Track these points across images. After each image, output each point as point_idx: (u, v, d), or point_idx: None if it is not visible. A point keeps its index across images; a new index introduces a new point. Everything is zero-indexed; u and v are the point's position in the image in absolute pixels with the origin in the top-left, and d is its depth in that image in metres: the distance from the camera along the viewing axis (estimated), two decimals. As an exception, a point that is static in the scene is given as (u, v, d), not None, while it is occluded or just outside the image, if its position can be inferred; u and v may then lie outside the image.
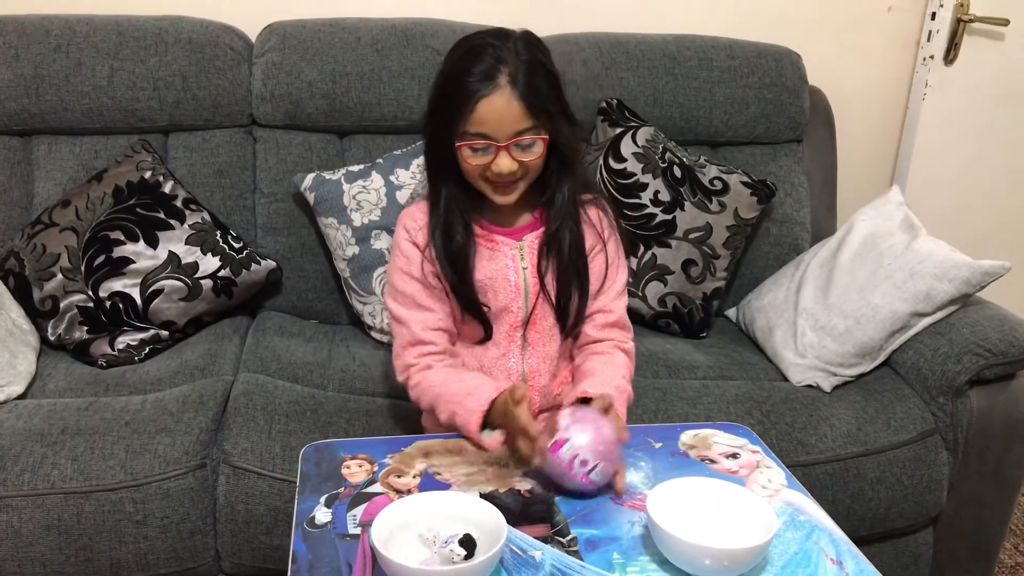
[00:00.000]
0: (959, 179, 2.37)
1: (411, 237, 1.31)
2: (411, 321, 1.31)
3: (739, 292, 2.02)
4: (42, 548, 1.36)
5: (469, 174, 1.24)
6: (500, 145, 1.19)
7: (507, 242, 1.32)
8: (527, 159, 1.22)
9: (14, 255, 1.73)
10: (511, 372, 1.35)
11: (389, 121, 1.93)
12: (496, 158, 1.20)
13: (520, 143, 1.20)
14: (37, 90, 1.82)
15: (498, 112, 1.18)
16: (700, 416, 1.58)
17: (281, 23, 1.94)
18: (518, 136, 1.20)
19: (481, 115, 1.18)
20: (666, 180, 1.88)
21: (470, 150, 1.21)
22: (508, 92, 1.18)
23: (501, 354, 1.35)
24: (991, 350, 1.59)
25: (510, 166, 1.21)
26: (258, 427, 1.47)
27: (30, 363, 1.63)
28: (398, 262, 1.33)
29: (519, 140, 1.20)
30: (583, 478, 1.09)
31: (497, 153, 1.20)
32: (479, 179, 1.24)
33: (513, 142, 1.20)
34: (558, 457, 1.09)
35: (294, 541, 1.02)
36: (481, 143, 1.20)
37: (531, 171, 1.24)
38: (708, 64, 2.01)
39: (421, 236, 1.30)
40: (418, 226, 1.31)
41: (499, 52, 1.19)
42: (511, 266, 1.32)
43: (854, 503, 1.58)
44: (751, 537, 0.97)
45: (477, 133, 1.19)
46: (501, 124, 1.18)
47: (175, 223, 1.77)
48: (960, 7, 2.21)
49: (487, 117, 1.18)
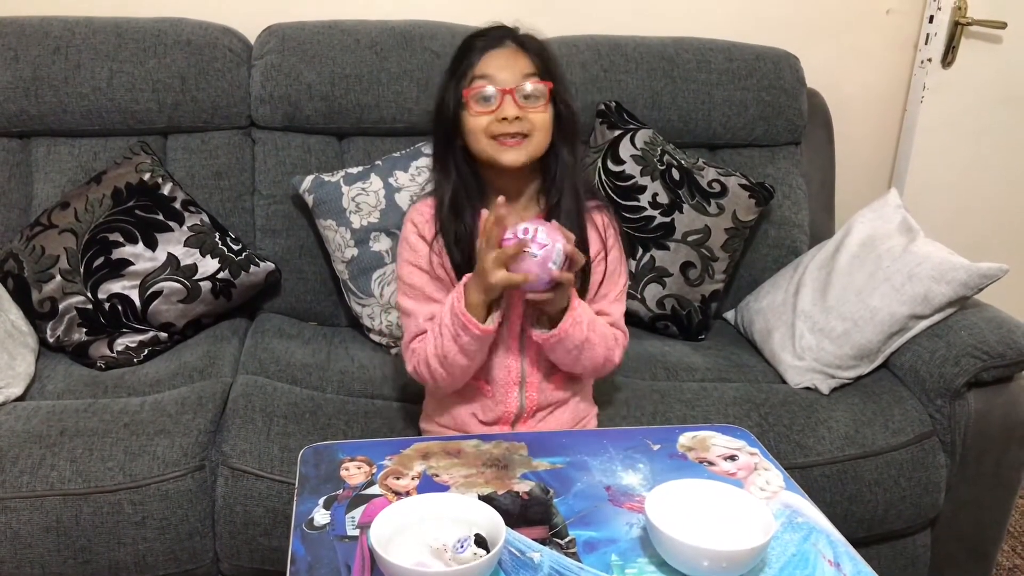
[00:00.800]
0: (957, 182, 2.38)
1: (419, 231, 1.34)
2: (418, 313, 1.33)
3: (737, 294, 2.02)
4: (41, 550, 1.36)
5: (475, 133, 1.27)
6: (506, 89, 1.24)
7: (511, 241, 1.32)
8: (532, 109, 1.25)
9: (13, 257, 1.74)
10: (510, 369, 1.36)
11: (388, 123, 1.93)
12: (502, 103, 1.24)
13: (525, 91, 1.25)
14: (36, 92, 1.82)
15: (504, 59, 1.26)
16: (698, 418, 1.58)
17: (280, 25, 1.94)
18: (524, 79, 1.25)
19: (487, 62, 1.26)
20: (664, 182, 1.88)
21: (477, 98, 1.25)
22: (514, 47, 1.28)
23: (502, 352, 1.35)
24: (989, 352, 1.60)
25: (515, 111, 1.24)
26: (257, 429, 1.47)
27: (29, 365, 1.63)
28: (405, 255, 1.35)
29: (524, 84, 1.25)
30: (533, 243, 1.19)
31: (503, 99, 1.24)
32: (485, 136, 1.26)
33: (519, 86, 1.25)
34: (507, 239, 1.21)
35: (293, 543, 1.02)
36: (486, 85, 1.25)
37: (536, 130, 1.27)
38: (706, 67, 2.01)
39: (428, 229, 1.33)
40: (425, 219, 1.34)
41: (507, 28, 1.30)
42: None
43: (852, 505, 1.58)
44: (749, 539, 0.97)
45: (482, 76, 1.25)
46: (507, 69, 1.26)
47: (174, 225, 1.77)
48: (958, 10, 2.22)
49: (493, 62, 1.26)
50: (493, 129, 1.25)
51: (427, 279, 1.32)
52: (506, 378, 1.36)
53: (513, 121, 1.24)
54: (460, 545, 0.96)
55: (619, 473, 1.18)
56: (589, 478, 1.16)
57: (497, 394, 1.37)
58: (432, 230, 1.32)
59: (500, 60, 1.26)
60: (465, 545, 0.96)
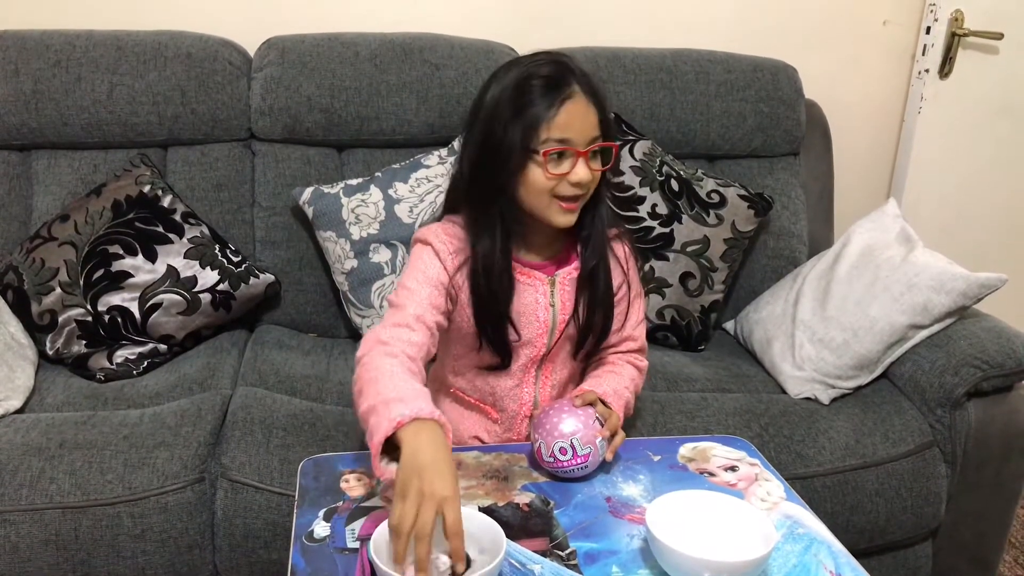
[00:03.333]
0: (955, 192, 2.38)
1: (440, 257, 1.22)
2: (409, 308, 1.18)
3: (737, 305, 2.03)
4: (40, 563, 1.36)
5: (537, 191, 1.16)
6: (580, 151, 1.14)
7: (539, 276, 1.27)
8: (598, 168, 1.18)
9: (13, 269, 1.74)
10: (523, 401, 1.34)
11: (387, 135, 1.93)
12: (575, 167, 1.15)
13: (596, 152, 1.16)
14: (37, 105, 1.82)
15: (580, 116, 1.14)
16: (699, 429, 1.58)
17: (280, 38, 1.95)
18: (594, 142, 1.16)
19: (565, 119, 1.13)
20: (663, 193, 1.89)
21: (554, 158, 1.14)
22: (584, 98, 1.14)
23: (515, 384, 1.33)
24: (989, 362, 1.60)
25: (588, 175, 1.15)
26: (256, 441, 1.47)
27: (28, 377, 1.63)
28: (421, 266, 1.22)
29: (595, 148, 1.16)
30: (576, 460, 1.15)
31: (576, 161, 1.15)
32: (547, 195, 1.16)
33: (591, 149, 1.15)
34: (545, 460, 1.16)
35: (292, 555, 1.02)
36: (562, 149, 1.14)
37: (591, 188, 1.19)
38: (705, 78, 2.02)
39: (452, 261, 1.22)
40: (449, 250, 1.22)
41: (558, 59, 1.16)
42: (541, 302, 1.27)
43: (853, 515, 1.58)
44: (750, 550, 0.97)
45: (560, 139, 1.13)
46: (582, 129, 1.14)
47: (174, 237, 1.77)
48: (955, 21, 2.23)
49: (571, 121, 1.13)
50: (561, 191, 1.16)
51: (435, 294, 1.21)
52: (517, 410, 1.34)
53: (585, 185, 1.16)
54: None
55: (620, 484, 1.18)
56: (589, 489, 1.16)
57: (505, 422, 1.35)
58: (455, 263, 1.22)
59: (577, 118, 1.13)
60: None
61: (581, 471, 1.16)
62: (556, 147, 1.13)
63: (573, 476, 1.17)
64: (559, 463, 1.15)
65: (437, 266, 1.22)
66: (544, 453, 1.16)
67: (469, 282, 1.23)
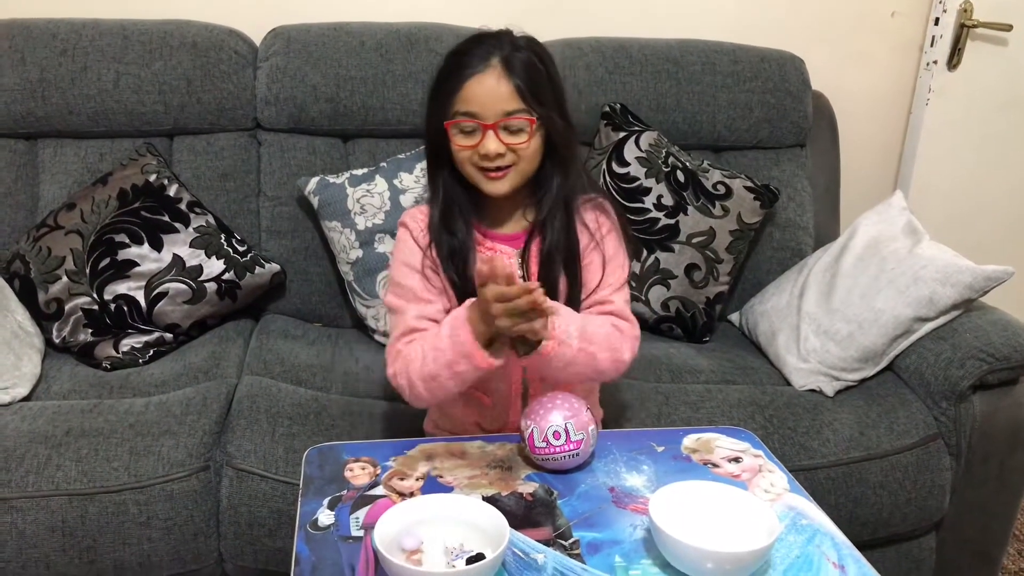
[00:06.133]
0: (962, 184, 2.37)
1: (413, 235, 1.31)
2: (407, 311, 1.28)
3: (742, 296, 2.02)
4: (46, 549, 1.37)
5: (461, 161, 1.25)
6: (487, 124, 1.20)
7: (506, 250, 1.31)
8: (515, 142, 1.22)
9: (19, 258, 1.74)
10: (512, 381, 1.34)
11: (393, 125, 1.93)
12: (483, 139, 1.21)
13: (508, 125, 1.21)
14: (43, 93, 1.82)
15: (486, 90, 1.20)
16: (703, 420, 1.58)
17: (285, 27, 1.95)
18: (506, 117, 1.20)
19: (469, 92, 1.20)
20: (669, 184, 1.88)
21: (458, 130, 1.22)
22: (499, 72, 1.20)
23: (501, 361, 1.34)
24: (994, 355, 1.59)
25: (496, 147, 1.21)
26: (261, 430, 1.47)
27: (35, 365, 1.64)
28: (400, 256, 1.32)
29: (507, 121, 1.21)
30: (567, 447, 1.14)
31: (484, 134, 1.21)
32: (469, 165, 1.24)
33: (501, 122, 1.20)
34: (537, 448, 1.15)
35: (297, 543, 1.02)
36: (468, 122, 1.21)
37: (522, 160, 1.24)
38: (711, 69, 2.01)
39: (423, 236, 1.31)
40: (421, 227, 1.31)
41: (496, 39, 1.23)
42: None
43: (857, 508, 1.58)
44: (753, 541, 0.97)
45: (465, 112, 1.21)
46: (489, 102, 1.20)
47: (179, 226, 1.77)
48: (963, 12, 2.21)
49: (475, 94, 1.20)
50: (476, 161, 1.23)
51: (419, 279, 1.29)
52: (507, 390, 1.34)
53: (495, 157, 1.22)
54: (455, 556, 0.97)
55: (623, 475, 1.18)
56: (593, 480, 1.16)
57: (498, 405, 1.35)
58: (427, 238, 1.30)
59: (482, 90, 1.20)
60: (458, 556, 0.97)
61: (573, 459, 1.15)
62: (462, 120, 1.21)
63: (564, 466, 1.16)
64: (552, 448, 1.14)
65: (411, 247, 1.30)
66: (536, 439, 1.15)
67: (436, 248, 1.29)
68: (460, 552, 0.98)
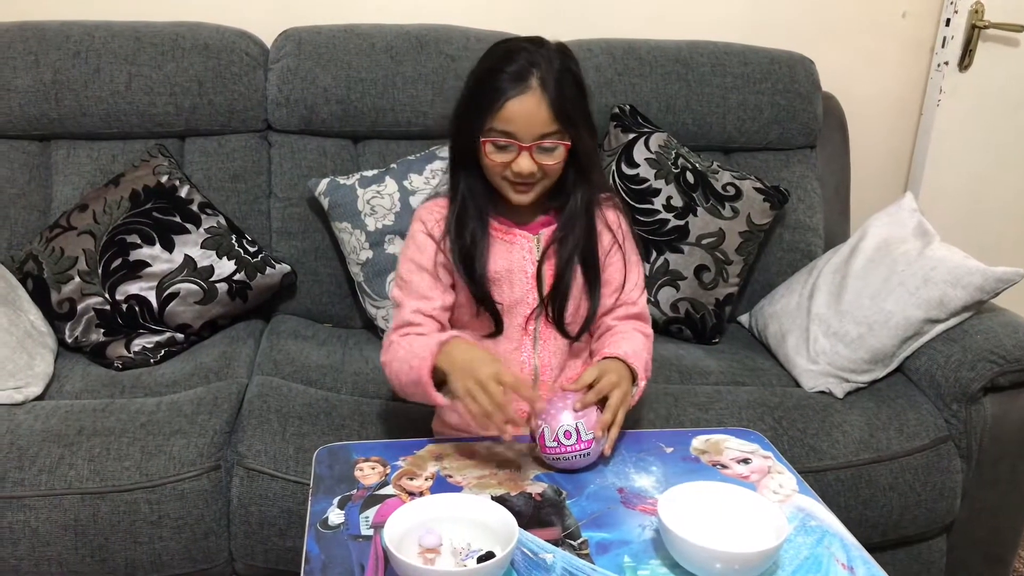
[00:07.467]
0: (973, 186, 2.36)
1: (427, 229, 1.33)
2: (406, 305, 1.31)
3: (752, 298, 2.02)
4: (59, 548, 1.38)
5: (489, 170, 1.27)
6: (523, 146, 1.22)
7: (524, 234, 1.34)
8: (547, 163, 1.25)
9: (33, 258, 1.75)
10: (523, 365, 1.35)
11: (403, 126, 1.94)
12: (518, 158, 1.23)
13: (543, 146, 1.23)
14: (56, 95, 1.84)
15: (526, 113, 1.21)
16: (712, 421, 1.58)
17: (296, 29, 1.96)
18: (541, 139, 1.23)
19: (509, 114, 1.21)
20: (679, 186, 1.88)
21: (493, 146, 1.23)
22: (538, 95, 1.21)
23: (513, 348, 1.35)
24: (1005, 357, 1.59)
25: (530, 167, 1.23)
26: (272, 429, 1.48)
27: (48, 365, 1.65)
28: (409, 252, 1.34)
29: (542, 143, 1.23)
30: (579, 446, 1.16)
31: (519, 153, 1.23)
32: (498, 176, 1.27)
33: (536, 144, 1.23)
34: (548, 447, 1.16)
35: (307, 542, 1.03)
36: (504, 141, 1.23)
37: (549, 175, 1.27)
38: (721, 70, 2.01)
39: (437, 230, 1.33)
40: (435, 220, 1.33)
41: (533, 56, 1.23)
42: (528, 258, 1.33)
43: (866, 510, 1.57)
44: (762, 541, 0.97)
45: (502, 131, 1.22)
46: (527, 125, 1.22)
47: (191, 227, 1.78)
48: (975, 13, 2.21)
49: (514, 116, 1.21)
50: (508, 176, 1.25)
51: (426, 277, 1.32)
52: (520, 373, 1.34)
53: (527, 175, 1.24)
54: (465, 556, 0.97)
55: (632, 475, 1.18)
56: (602, 480, 1.17)
57: (508, 393, 1.36)
58: (440, 231, 1.33)
59: (522, 112, 1.21)
60: (468, 555, 0.97)
61: (583, 459, 1.16)
62: (499, 138, 1.23)
63: (574, 466, 1.17)
64: (563, 448, 1.15)
65: (421, 242, 1.33)
66: (547, 438, 1.16)
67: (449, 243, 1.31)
68: (469, 552, 0.98)
